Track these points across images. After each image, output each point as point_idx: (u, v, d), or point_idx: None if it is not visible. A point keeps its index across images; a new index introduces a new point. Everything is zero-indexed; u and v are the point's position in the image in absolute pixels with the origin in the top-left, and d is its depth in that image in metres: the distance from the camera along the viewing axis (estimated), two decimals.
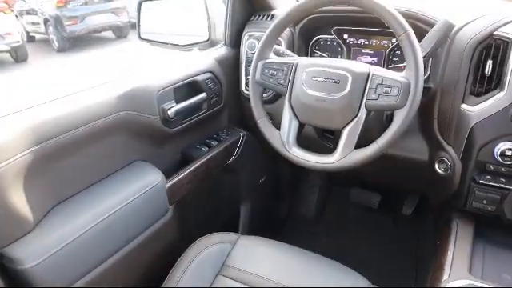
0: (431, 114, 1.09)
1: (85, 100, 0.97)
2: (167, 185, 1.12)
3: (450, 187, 1.07)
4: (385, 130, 0.94)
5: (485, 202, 1.02)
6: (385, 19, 0.91)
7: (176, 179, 1.16)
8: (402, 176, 1.32)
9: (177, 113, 1.14)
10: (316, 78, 0.98)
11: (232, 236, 1.12)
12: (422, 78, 0.89)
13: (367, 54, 1.26)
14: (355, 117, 0.93)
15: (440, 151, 1.08)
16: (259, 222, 1.66)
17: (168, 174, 1.16)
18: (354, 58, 1.27)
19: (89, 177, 1.01)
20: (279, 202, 1.87)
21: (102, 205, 0.97)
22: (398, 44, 1.18)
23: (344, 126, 0.95)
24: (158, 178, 1.09)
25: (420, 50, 0.90)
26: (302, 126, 1.04)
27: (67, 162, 0.93)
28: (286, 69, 1.03)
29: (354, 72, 0.94)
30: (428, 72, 1.13)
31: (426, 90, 1.09)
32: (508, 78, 0.93)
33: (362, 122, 0.93)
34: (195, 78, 1.23)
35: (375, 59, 1.24)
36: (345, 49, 1.27)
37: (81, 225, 0.91)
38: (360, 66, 0.96)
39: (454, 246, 0.99)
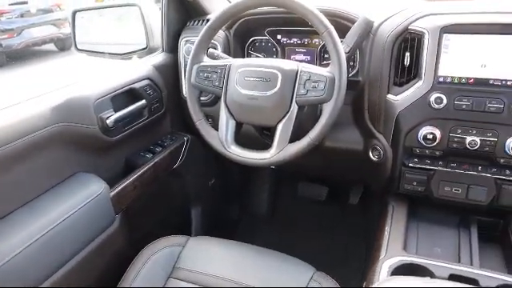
0: (362, 105, 1.16)
1: (18, 114, 0.95)
2: (111, 194, 1.12)
3: (384, 172, 1.14)
4: None
5: (415, 183, 1.10)
6: (307, 18, 0.97)
7: (120, 187, 1.16)
8: (343, 167, 1.39)
9: (116, 121, 1.13)
10: (248, 77, 1.01)
11: (181, 238, 1.13)
12: (345, 72, 0.95)
13: (300, 53, 1.31)
14: (287, 112, 0.98)
15: (372, 140, 1.15)
16: (212, 224, 1.68)
17: (113, 183, 1.15)
18: (289, 57, 1.32)
19: (27, 192, 0.99)
20: (231, 203, 1.89)
21: (41, 219, 0.95)
22: None
23: (278, 122, 0.99)
24: (100, 188, 1.08)
25: (341, 45, 0.96)
26: (239, 125, 1.07)
27: (2, 177, 0.91)
28: (219, 71, 1.06)
29: (284, 70, 0.99)
30: (357, 66, 1.20)
31: (355, 83, 1.17)
32: (424, 67, 1.01)
33: (294, 116, 0.98)
34: (133, 85, 1.23)
35: (308, 57, 1.30)
36: (279, 49, 1.32)
37: (20, 241, 0.89)
38: (289, 63, 1.00)
39: (390, 226, 1.06)
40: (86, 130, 1.08)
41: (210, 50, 1.22)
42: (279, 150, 0.99)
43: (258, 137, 1.30)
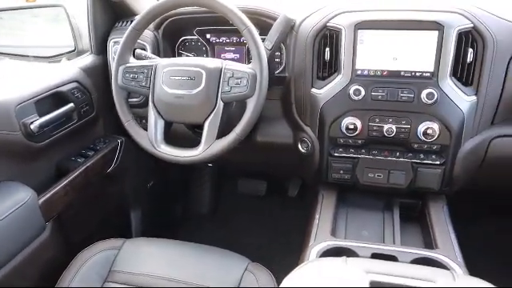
0: (290, 99, 1.21)
1: None
2: (40, 201, 1.08)
3: (313, 163, 1.20)
4: None
5: (341, 172, 1.16)
6: (228, 17, 0.99)
7: (49, 194, 1.12)
8: (276, 160, 1.44)
9: (41, 126, 1.10)
10: (173, 76, 1.03)
11: (118, 241, 1.12)
12: (266, 68, 0.98)
13: (230, 51, 1.34)
14: (213, 109, 1.01)
15: (301, 132, 1.20)
16: (153, 226, 1.67)
17: (43, 190, 1.12)
18: (219, 56, 1.34)
19: None
20: (173, 204, 1.89)
21: None
22: None
23: (205, 119, 1.02)
24: (27, 196, 1.05)
25: (261, 42, 1.00)
26: (168, 124, 1.08)
27: None
28: (146, 71, 1.07)
29: (208, 68, 1.01)
30: (283, 63, 1.25)
31: (282, 78, 1.21)
32: (342, 62, 1.07)
33: (221, 113, 1.01)
34: (59, 88, 1.20)
35: (237, 55, 1.33)
36: (209, 48, 1.34)
37: None
38: (213, 61, 1.03)
39: (319, 214, 1.12)
40: (7, 137, 1.04)
41: (138, 50, 1.21)
42: (207, 147, 1.01)
43: (191, 134, 1.32)
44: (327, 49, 1.10)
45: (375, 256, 0.94)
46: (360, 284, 0.65)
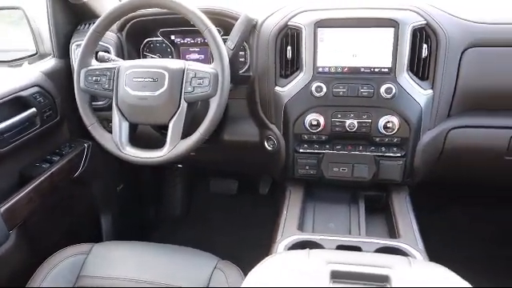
0: (255, 98, 1.22)
1: None
2: (2, 209, 1.06)
3: (280, 160, 1.22)
4: None
5: (307, 167, 1.18)
6: (188, 18, 1.00)
7: (12, 201, 1.10)
8: (245, 159, 1.45)
9: (1, 132, 1.08)
10: (136, 78, 1.03)
11: (86, 246, 1.11)
12: (227, 67, 1.00)
13: (195, 52, 1.34)
14: (177, 110, 1.01)
15: (266, 130, 1.22)
16: (126, 229, 1.65)
17: (4, 198, 1.09)
18: (184, 57, 1.35)
19: None
20: (145, 206, 1.88)
21: None
22: None
23: (169, 120, 1.02)
24: None
25: (222, 42, 1.01)
26: (133, 126, 1.08)
27: None
28: (109, 74, 1.06)
29: (170, 69, 1.01)
30: (248, 62, 1.27)
31: (247, 77, 1.23)
32: (304, 60, 1.10)
33: (185, 113, 1.01)
34: (20, 93, 1.17)
35: (202, 56, 1.34)
36: (173, 49, 1.34)
37: None
38: (175, 62, 1.03)
39: (287, 210, 1.14)
40: None
41: (100, 53, 1.20)
42: (172, 147, 1.02)
43: (159, 136, 1.32)
44: (289, 47, 1.12)
45: (341, 247, 0.96)
46: (321, 274, 0.68)
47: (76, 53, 1.33)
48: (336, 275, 0.68)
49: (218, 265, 1.03)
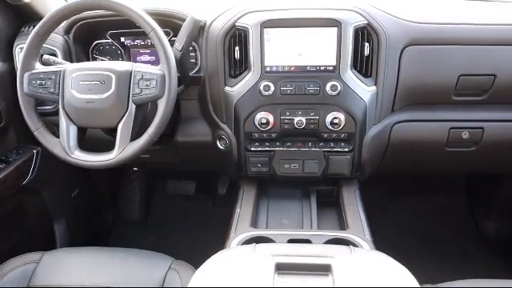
0: (206, 99, 1.23)
1: None
2: None
3: (233, 159, 1.24)
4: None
5: (259, 165, 1.21)
6: (134, 19, 1.00)
7: None
8: (198, 159, 1.46)
9: None
10: (83, 81, 1.01)
11: (35, 255, 1.08)
12: (174, 69, 1.00)
13: (146, 54, 1.33)
14: (126, 112, 1.01)
15: (218, 130, 1.23)
16: (80, 236, 1.62)
17: None
18: (134, 59, 1.33)
19: None
20: (101, 211, 1.84)
21: None
22: None
23: (118, 123, 1.01)
24: None
25: (168, 43, 1.01)
26: (82, 129, 1.07)
27: None
28: (54, 77, 1.04)
29: (117, 71, 1.01)
30: (198, 63, 1.27)
31: (198, 78, 1.24)
32: (252, 60, 1.12)
33: (133, 115, 1.01)
34: None
35: (153, 57, 1.33)
36: (124, 51, 1.32)
37: None
38: (122, 64, 1.03)
39: (240, 208, 1.15)
40: None
41: (46, 56, 1.17)
42: (122, 150, 1.01)
43: (111, 139, 1.30)
44: (237, 48, 1.13)
45: (291, 241, 0.99)
46: (266, 267, 0.70)
47: (19, 56, 1.29)
48: (280, 267, 0.70)
49: (172, 265, 1.03)
